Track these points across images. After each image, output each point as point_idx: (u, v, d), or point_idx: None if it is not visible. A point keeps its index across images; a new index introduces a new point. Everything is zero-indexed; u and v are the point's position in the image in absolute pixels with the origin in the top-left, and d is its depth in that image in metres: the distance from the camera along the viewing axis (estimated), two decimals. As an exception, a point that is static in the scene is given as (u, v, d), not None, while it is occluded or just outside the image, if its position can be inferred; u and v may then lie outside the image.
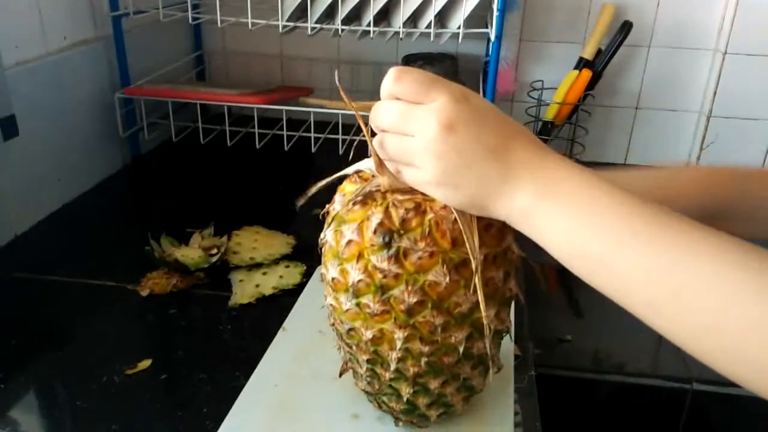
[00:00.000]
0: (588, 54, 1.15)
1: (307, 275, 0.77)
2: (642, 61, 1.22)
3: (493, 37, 0.97)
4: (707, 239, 0.36)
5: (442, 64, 1.20)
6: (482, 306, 0.43)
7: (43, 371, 0.62)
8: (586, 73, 1.14)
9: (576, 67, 1.16)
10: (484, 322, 0.44)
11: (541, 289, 0.80)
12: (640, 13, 1.17)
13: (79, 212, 0.96)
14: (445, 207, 0.44)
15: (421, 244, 0.43)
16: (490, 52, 1.02)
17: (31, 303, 0.73)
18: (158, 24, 1.06)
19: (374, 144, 0.45)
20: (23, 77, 0.86)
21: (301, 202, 0.50)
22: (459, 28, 0.99)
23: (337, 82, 0.45)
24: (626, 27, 1.13)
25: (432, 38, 1.00)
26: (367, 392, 0.53)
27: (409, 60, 1.21)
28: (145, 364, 0.62)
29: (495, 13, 0.95)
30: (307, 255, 0.81)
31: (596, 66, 1.16)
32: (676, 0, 1.17)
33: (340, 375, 0.55)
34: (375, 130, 0.45)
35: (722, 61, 1.15)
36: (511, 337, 0.54)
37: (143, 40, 1.13)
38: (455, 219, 0.43)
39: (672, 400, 0.71)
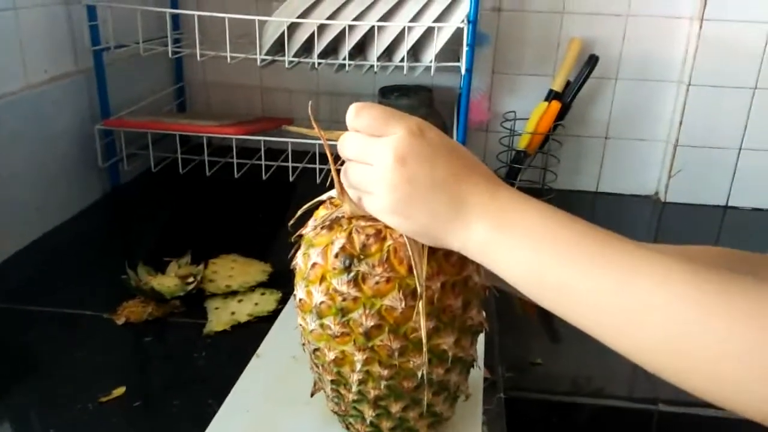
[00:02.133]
0: (557, 86, 1.20)
1: (283, 302, 0.78)
2: (610, 92, 1.26)
3: (463, 71, 1.00)
4: (661, 260, 0.37)
5: (417, 96, 1.23)
6: (423, 331, 0.44)
7: (18, 400, 0.62)
8: (556, 105, 1.18)
9: (546, 99, 1.20)
10: (423, 340, 0.45)
11: (516, 313, 0.82)
12: (606, 46, 1.22)
13: (57, 242, 0.96)
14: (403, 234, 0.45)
15: (379, 270, 0.45)
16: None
17: (8, 332, 0.74)
18: (139, 57, 1.08)
19: (340, 172, 0.47)
20: (4, 110, 0.87)
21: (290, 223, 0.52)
22: (431, 61, 1.02)
23: (309, 113, 0.48)
24: (593, 60, 1.17)
25: (405, 72, 1.04)
26: (335, 413, 0.55)
27: (385, 92, 1.24)
28: (120, 391, 0.63)
29: (465, 48, 0.99)
30: (283, 282, 0.82)
31: (565, 97, 1.20)
32: (641, 34, 1.22)
33: (312, 395, 0.56)
34: (343, 158, 0.47)
35: (686, 93, 1.20)
36: (478, 365, 0.55)
37: (124, 73, 1.16)
38: None
39: (639, 422, 0.72)
